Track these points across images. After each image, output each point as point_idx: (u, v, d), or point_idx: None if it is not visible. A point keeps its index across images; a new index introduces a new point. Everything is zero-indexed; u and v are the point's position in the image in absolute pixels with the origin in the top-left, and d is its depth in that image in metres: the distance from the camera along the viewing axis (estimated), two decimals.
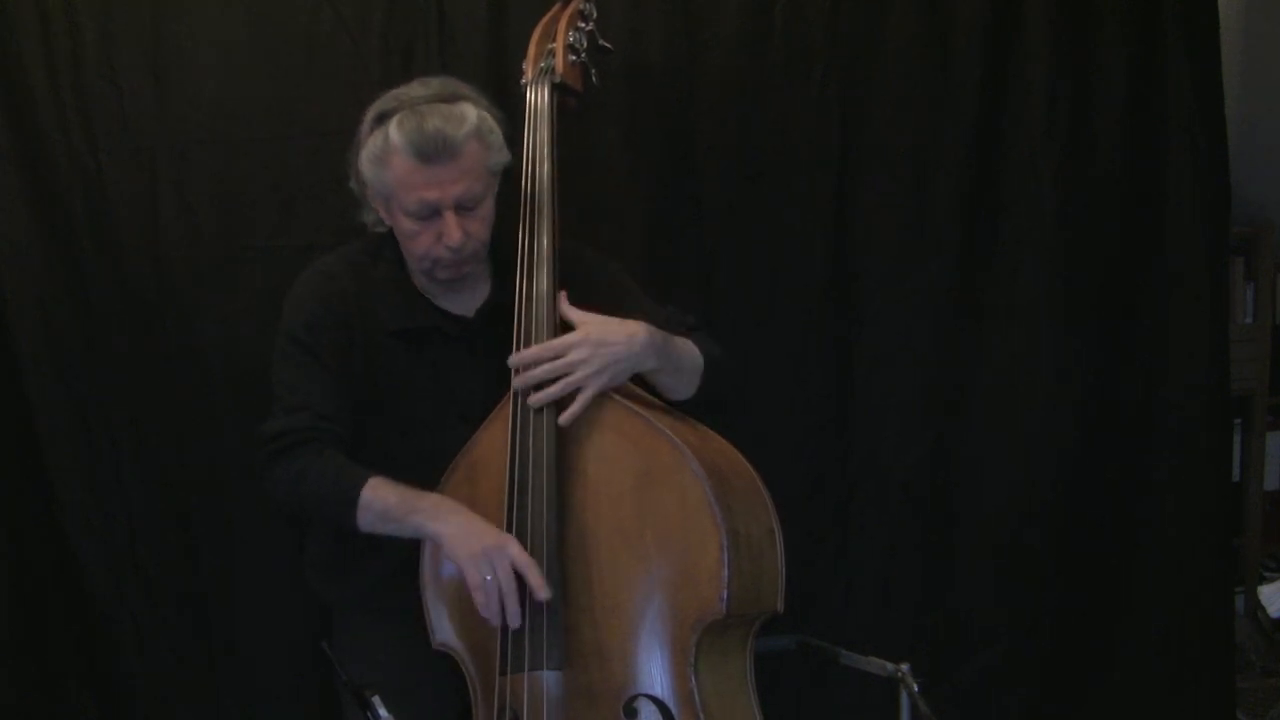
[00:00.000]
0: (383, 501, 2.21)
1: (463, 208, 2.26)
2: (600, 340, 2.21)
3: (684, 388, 2.32)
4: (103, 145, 2.81)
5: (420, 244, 2.29)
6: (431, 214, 2.25)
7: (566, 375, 2.21)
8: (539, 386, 2.23)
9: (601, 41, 2.52)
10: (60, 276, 2.83)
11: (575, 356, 2.21)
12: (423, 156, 2.21)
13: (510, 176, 2.39)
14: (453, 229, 2.25)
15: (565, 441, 2.23)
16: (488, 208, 2.31)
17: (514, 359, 2.25)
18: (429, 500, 2.23)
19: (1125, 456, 3.04)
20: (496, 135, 2.30)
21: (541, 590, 2.13)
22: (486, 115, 2.30)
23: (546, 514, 2.19)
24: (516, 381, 2.24)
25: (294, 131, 2.80)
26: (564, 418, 2.21)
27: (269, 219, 2.83)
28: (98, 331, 2.84)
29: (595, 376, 2.20)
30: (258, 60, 2.81)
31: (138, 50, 2.79)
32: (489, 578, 2.13)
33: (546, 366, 2.22)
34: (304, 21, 2.81)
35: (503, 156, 2.31)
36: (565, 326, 2.27)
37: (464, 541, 2.16)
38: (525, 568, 2.13)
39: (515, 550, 2.14)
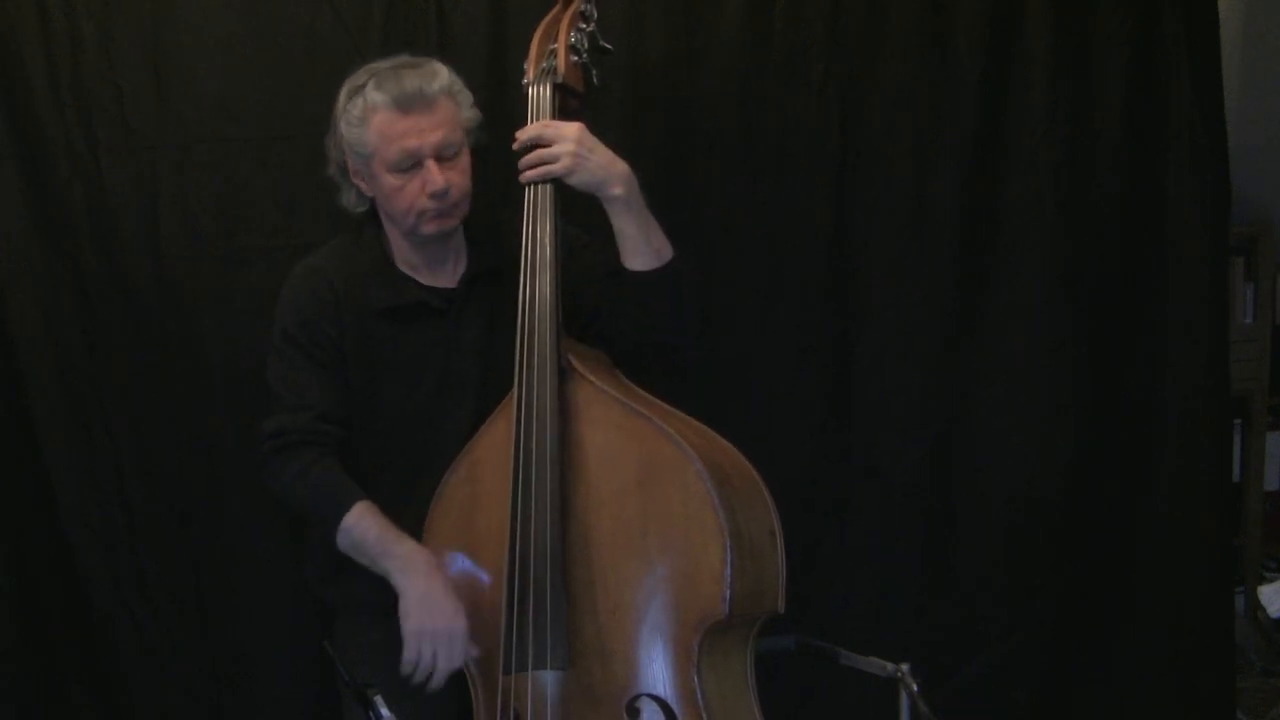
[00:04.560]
0: (361, 534, 2.29)
1: (442, 157, 2.33)
2: (592, 144, 2.34)
3: (644, 252, 2.38)
4: (103, 145, 2.81)
5: (404, 198, 2.34)
6: (413, 165, 2.32)
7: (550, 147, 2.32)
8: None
9: (602, 42, 2.52)
10: (60, 276, 2.83)
11: (567, 134, 2.32)
12: (402, 108, 2.30)
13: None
14: (436, 174, 2.32)
15: (568, 441, 2.24)
16: (465, 161, 2.38)
17: (519, 132, 2.37)
18: (404, 548, 2.29)
19: (1125, 456, 3.04)
20: (466, 95, 2.40)
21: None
22: (455, 76, 2.40)
23: (550, 514, 2.20)
24: (522, 163, 2.35)
25: (294, 131, 2.79)
26: (524, 176, 2.34)
27: (269, 219, 2.83)
28: (98, 331, 2.84)
29: (568, 158, 2.31)
30: (258, 60, 2.81)
31: (138, 50, 2.80)
32: (424, 658, 2.23)
33: (536, 130, 2.34)
34: (303, 21, 2.81)
35: (473, 114, 2.41)
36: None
37: (418, 613, 2.24)
38: (452, 663, 2.23)
39: (458, 642, 2.23)
